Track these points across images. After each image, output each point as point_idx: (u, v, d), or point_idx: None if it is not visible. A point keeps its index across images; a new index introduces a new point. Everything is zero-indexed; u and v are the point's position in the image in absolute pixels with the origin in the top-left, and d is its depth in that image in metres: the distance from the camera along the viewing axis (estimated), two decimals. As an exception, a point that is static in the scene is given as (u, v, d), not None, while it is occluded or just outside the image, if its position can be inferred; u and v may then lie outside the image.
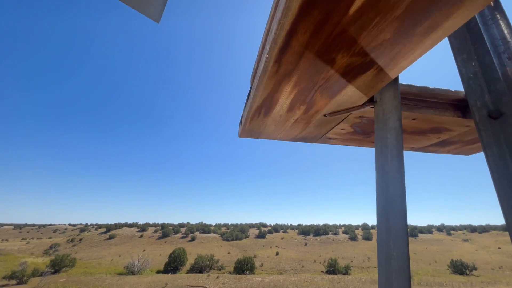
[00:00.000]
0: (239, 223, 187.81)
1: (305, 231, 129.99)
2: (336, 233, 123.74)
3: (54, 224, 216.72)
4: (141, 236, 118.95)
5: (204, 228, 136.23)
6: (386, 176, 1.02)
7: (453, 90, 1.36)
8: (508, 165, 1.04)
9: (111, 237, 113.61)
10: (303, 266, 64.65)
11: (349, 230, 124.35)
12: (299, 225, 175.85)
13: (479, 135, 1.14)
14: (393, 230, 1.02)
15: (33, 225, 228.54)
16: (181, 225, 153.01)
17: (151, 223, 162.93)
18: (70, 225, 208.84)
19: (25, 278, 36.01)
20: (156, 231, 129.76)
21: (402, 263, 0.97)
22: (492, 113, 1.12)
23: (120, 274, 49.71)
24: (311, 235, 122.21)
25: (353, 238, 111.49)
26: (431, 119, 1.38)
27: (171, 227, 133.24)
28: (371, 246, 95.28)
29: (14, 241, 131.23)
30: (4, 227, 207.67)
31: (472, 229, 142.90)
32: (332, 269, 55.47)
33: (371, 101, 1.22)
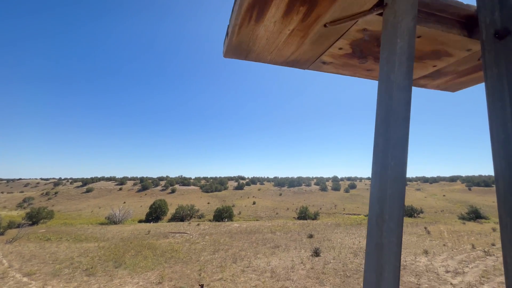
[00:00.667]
0: (218, 176, 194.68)
1: (280, 183, 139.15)
2: (308, 185, 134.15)
3: (24, 179, 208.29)
4: (120, 189, 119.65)
5: (184, 181, 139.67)
6: (391, 85, 0.94)
7: (465, 3, 1.23)
8: (504, 88, 1.00)
9: (88, 191, 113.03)
10: (277, 213, 70.98)
11: (320, 182, 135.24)
12: (275, 177, 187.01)
13: (482, 56, 1.07)
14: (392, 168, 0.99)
15: (2, 179, 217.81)
16: (161, 179, 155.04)
17: (129, 176, 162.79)
18: (42, 179, 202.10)
19: (1, 230, 35.75)
20: (135, 184, 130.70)
21: (398, 190, 0.95)
22: (499, 32, 1.03)
23: (102, 224, 51.11)
24: (286, 187, 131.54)
25: (324, 189, 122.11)
26: (436, 38, 1.28)
27: (150, 181, 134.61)
28: (338, 196, 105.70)
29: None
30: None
31: (425, 180, 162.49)
32: (302, 215, 61.72)
33: (379, 5, 1.06)
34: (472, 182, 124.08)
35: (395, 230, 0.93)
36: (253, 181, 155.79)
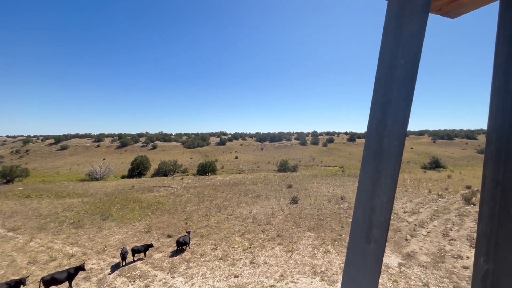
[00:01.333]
0: (200, 132, 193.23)
1: (262, 138, 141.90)
2: (289, 140, 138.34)
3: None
4: (98, 146, 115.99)
5: (165, 137, 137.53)
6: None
7: None
8: None
9: (63, 148, 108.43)
10: (258, 167, 74.16)
11: (300, 137, 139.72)
12: (257, 133, 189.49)
13: None
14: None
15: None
16: (140, 135, 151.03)
17: (106, 133, 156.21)
18: (8, 137, 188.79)
19: (-27, 189, 34.45)
20: (113, 141, 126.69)
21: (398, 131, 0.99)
22: None
23: (83, 180, 50.78)
24: (267, 142, 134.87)
25: (303, 143, 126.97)
26: None
27: (129, 137, 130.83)
28: (316, 150, 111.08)
29: None
30: None
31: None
32: (282, 168, 65.16)
33: None
34: (438, 135, 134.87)
35: (390, 186, 1.01)
36: (235, 136, 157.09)
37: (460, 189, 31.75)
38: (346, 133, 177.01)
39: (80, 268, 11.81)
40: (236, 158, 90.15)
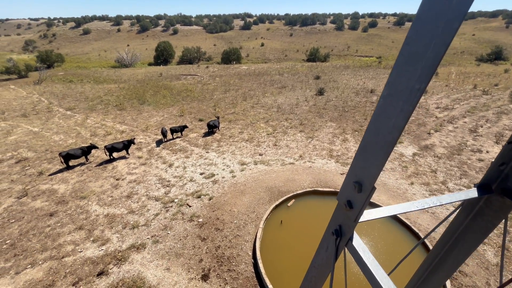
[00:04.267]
0: (222, 14, 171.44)
1: (291, 21, 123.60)
2: (323, 23, 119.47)
3: (12, 19, 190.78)
4: (118, 30, 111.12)
5: (185, 20, 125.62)
6: None
7: None
8: None
9: (85, 32, 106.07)
10: (286, 56, 68.96)
11: (338, 20, 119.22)
12: (286, 15, 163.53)
13: None
14: None
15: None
16: (158, 17, 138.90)
17: (123, 15, 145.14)
18: (30, 19, 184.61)
19: (23, 73, 37.73)
20: (132, 24, 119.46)
21: None
22: None
23: (114, 67, 52.37)
24: (298, 26, 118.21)
25: (339, 27, 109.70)
26: None
27: (148, 20, 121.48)
28: (354, 36, 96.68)
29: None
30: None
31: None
32: (312, 57, 59.97)
33: None
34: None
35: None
36: (262, 19, 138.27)
37: (513, 86, 28.16)
38: (394, 14, 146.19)
39: (132, 141, 14.21)
40: (262, 45, 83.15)
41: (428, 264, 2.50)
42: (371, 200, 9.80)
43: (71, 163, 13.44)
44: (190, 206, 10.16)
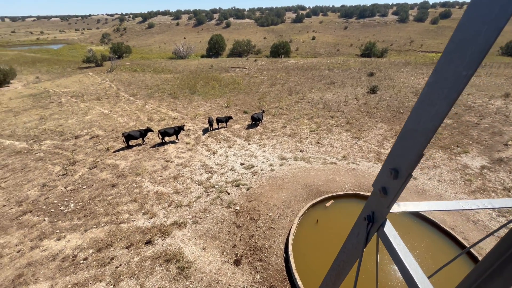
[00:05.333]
0: (274, 7, 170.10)
1: (348, 13, 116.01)
2: (384, 14, 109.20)
3: (94, 15, 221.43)
4: (177, 24, 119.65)
5: (238, 14, 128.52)
6: None
7: None
8: None
9: (150, 26, 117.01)
10: (338, 50, 65.36)
11: (401, 11, 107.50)
12: (342, 6, 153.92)
13: None
14: None
15: (75, 16, 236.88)
16: (213, 11, 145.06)
17: (182, 10, 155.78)
18: (107, 15, 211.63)
19: (99, 62, 43.72)
20: (189, 18, 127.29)
21: None
22: None
23: (171, 58, 56.80)
24: (354, 18, 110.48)
25: (403, 19, 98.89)
26: None
27: (203, 14, 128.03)
28: (420, 28, 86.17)
29: (70, 32, 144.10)
30: (52, 19, 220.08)
31: None
32: (367, 52, 55.57)
33: None
34: None
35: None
36: (315, 11, 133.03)
37: None
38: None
39: (181, 128, 15.38)
40: (313, 39, 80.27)
41: (478, 275, 2.28)
42: (420, 212, 8.91)
43: (131, 143, 15.23)
44: (228, 194, 10.64)
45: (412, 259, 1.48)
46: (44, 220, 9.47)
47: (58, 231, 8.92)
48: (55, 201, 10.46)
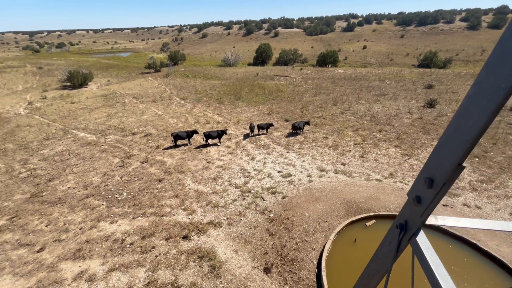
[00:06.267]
0: (324, 16, 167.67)
1: (405, 20, 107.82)
2: (450, 21, 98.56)
3: (157, 26, 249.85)
4: (228, 34, 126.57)
5: (287, 23, 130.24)
6: None
7: None
8: None
9: (204, 36, 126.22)
10: (391, 60, 61.01)
11: (472, 17, 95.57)
12: (399, 13, 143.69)
13: None
14: None
15: (143, 28, 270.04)
16: (263, 21, 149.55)
17: (234, 20, 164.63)
18: (168, 26, 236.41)
19: (158, 68, 48.83)
20: (240, 28, 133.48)
21: None
22: None
23: (220, 66, 60.15)
24: (413, 26, 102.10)
25: (473, 26, 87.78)
26: None
27: (253, 24, 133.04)
28: (495, 36, 75.28)
29: (137, 42, 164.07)
30: (124, 31, 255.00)
31: None
32: (426, 62, 50.55)
33: None
34: None
35: None
36: (368, 19, 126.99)
37: None
38: None
39: (224, 132, 16.07)
40: (364, 48, 76.51)
41: None
42: (473, 241, 7.66)
43: (178, 142, 16.47)
44: (264, 200, 10.67)
45: (444, 270, 1.45)
46: (103, 204, 10.80)
47: (112, 215, 10.07)
48: (112, 189, 11.86)
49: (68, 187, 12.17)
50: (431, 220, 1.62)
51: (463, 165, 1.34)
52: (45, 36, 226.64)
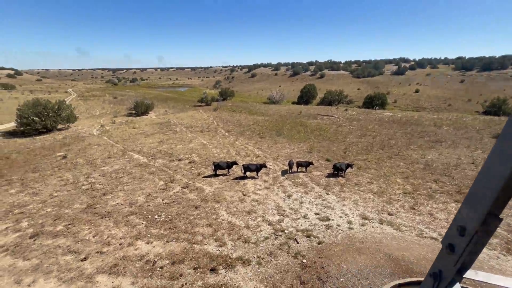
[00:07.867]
0: (372, 59, 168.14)
1: (465, 65, 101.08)
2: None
3: (213, 66, 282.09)
4: (275, 74, 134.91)
5: (333, 66, 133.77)
6: None
7: None
8: None
9: (253, 75, 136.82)
10: (449, 105, 56.31)
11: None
12: (458, 58, 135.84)
13: None
14: None
15: (201, 67, 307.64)
16: (310, 63, 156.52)
17: (282, 62, 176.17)
18: (222, 66, 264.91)
19: (209, 102, 53.83)
20: (287, 69, 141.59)
21: None
22: None
23: (265, 103, 63.27)
24: (474, 71, 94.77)
25: (554, 73, 77.34)
26: None
27: (300, 66, 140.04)
28: None
29: (194, 79, 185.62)
30: (185, 69, 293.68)
31: None
32: (493, 109, 45.23)
33: None
34: None
35: None
36: (421, 64, 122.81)
37: None
38: None
39: (263, 165, 16.21)
40: (417, 91, 72.83)
41: None
42: None
43: (218, 172, 17.08)
44: (298, 242, 9.99)
45: None
46: (142, 223, 11.42)
47: (149, 235, 10.52)
48: (153, 209, 12.57)
49: (117, 203, 13.31)
50: (470, 275, 1.56)
51: (500, 217, 1.31)
52: (124, 73, 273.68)
